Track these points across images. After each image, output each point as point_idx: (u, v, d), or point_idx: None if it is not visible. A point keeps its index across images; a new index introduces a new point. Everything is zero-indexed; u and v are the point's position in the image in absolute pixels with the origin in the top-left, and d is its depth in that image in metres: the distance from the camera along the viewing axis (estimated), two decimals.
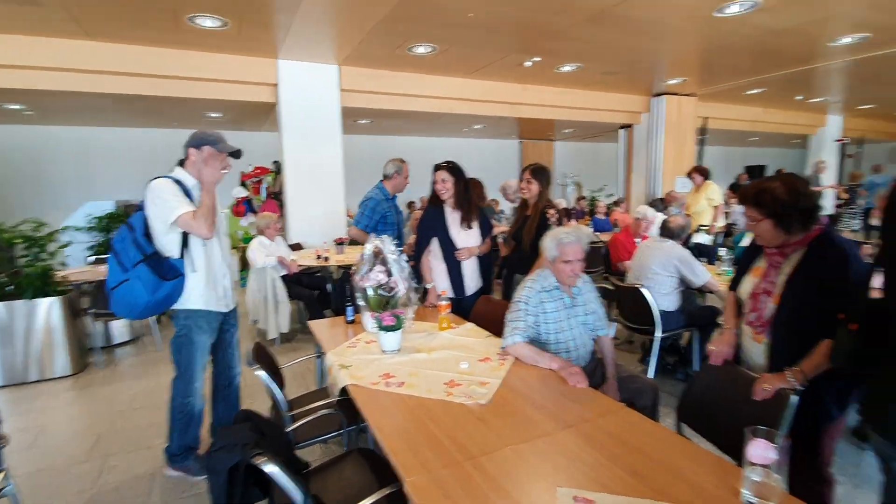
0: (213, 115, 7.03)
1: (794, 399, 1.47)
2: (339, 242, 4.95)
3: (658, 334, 3.05)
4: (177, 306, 2.25)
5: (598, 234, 6.41)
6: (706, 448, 1.42)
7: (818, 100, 8.38)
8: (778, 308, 1.67)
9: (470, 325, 2.46)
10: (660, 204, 6.09)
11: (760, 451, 1.04)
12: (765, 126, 9.31)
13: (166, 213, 2.11)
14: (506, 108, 6.84)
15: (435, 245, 2.88)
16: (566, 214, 5.82)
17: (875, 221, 7.74)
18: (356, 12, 3.92)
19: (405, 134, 9.96)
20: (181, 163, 2.28)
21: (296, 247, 5.41)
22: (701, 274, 3.06)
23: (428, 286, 2.85)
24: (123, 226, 2.20)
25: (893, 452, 1.09)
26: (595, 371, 2.21)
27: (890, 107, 9.37)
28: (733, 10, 3.96)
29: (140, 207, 2.20)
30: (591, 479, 1.19)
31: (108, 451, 2.69)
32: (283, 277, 4.35)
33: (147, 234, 2.17)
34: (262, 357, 2.03)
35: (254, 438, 1.30)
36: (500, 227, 4.35)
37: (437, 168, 2.85)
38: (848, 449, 2.51)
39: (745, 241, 3.79)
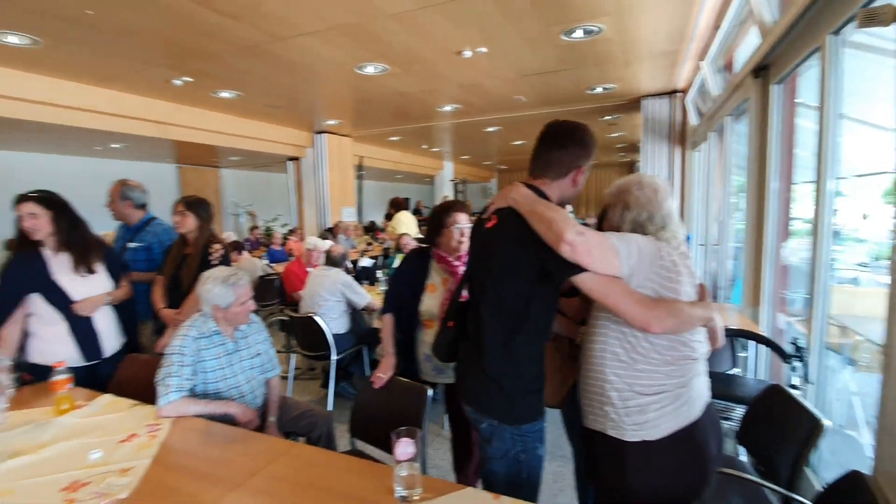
0: None
1: (430, 392, 1.83)
2: None
3: (333, 357, 3.24)
4: None
5: (272, 265, 6.31)
6: (378, 457, 1.58)
7: (437, 149, 10.91)
8: None
9: (106, 399, 1.95)
10: (329, 234, 6.53)
11: (403, 448, 1.23)
12: (404, 166, 11.43)
13: None
14: (153, 128, 5.90)
15: (39, 304, 2.16)
16: (237, 248, 5.47)
17: None
18: None
19: None
20: None
21: None
22: (363, 295, 3.44)
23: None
24: None
25: (476, 416, 1.49)
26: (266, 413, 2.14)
27: (477, 158, 13.17)
28: (370, 70, 4.69)
29: None
30: None
31: None
32: None
33: None
34: None
35: None
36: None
37: (21, 199, 2.15)
38: None
39: (397, 262, 4.51)
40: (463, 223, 2.11)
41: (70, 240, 2.21)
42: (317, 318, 3.17)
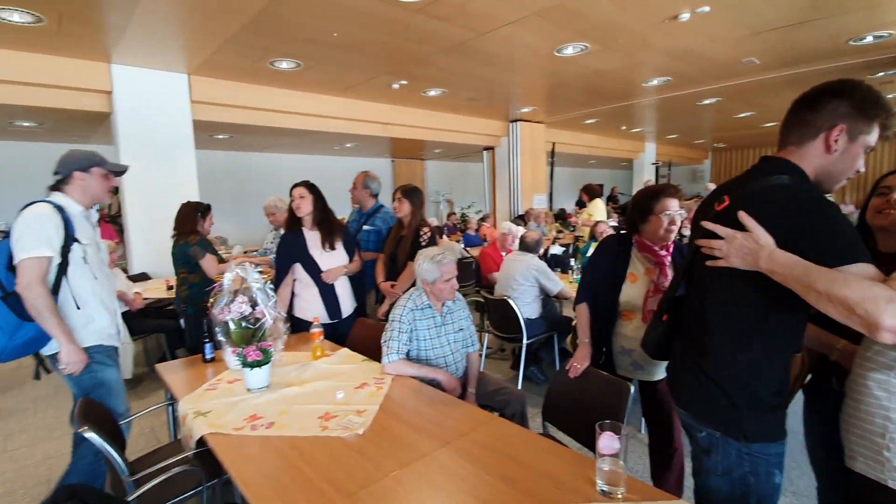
0: (24, 123, 5.84)
1: (632, 390, 1.72)
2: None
3: (525, 341, 3.31)
4: (59, 349, 1.84)
5: (468, 248, 6.74)
6: (567, 444, 1.57)
7: (637, 130, 10.01)
8: None
9: (345, 352, 2.39)
10: (520, 221, 6.64)
11: (607, 442, 1.18)
12: (599, 150, 10.83)
13: (16, 250, 1.77)
14: (377, 128, 6.89)
15: (300, 271, 2.76)
16: (439, 232, 6.03)
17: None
18: (207, 21, 3.62)
19: (270, 150, 9.41)
20: (56, 186, 1.97)
21: (141, 277, 4.72)
22: (556, 283, 3.41)
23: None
24: None
25: (692, 422, 1.32)
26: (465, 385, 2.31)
27: (688, 136, 11.61)
28: (568, 51, 4.55)
29: (7, 234, 1.81)
30: (467, 492, 1.23)
31: None
32: (125, 315, 3.75)
33: (12, 268, 1.78)
34: (93, 413, 1.71)
35: None
36: None
37: (295, 185, 2.79)
38: None
39: (592, 251, 4.32)
40: (674, 210, 1.90)
41: (321, 220, 2.77)
42: (510, 302, 3.27)
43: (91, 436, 1.51)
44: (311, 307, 2.74)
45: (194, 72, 4.93)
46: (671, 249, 1.98)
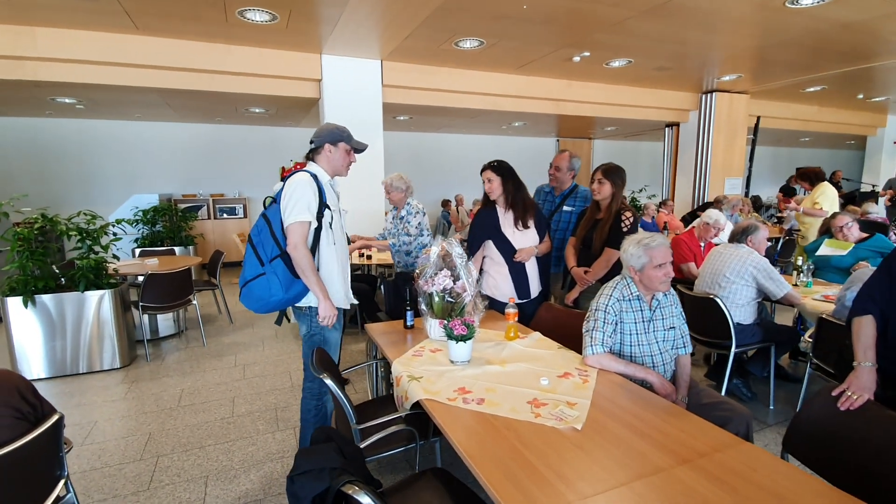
0: (255, 110, 7.04)
1: None
2: None
3: (733, 349, 2.83)
4: (305, 304, 2.16)
5: None
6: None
7: (880, 98, 7.88)
8: None
9: (537, 335, 2.30)
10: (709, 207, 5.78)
11: None
12: (820, 125, 8.83)
13: (285, 215, 2.04)
14: (549, 105, 6.64)
15: (492, 249, 2.75)
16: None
17: None
18: (406, 6, 3.80)
19: (443, 131, 9.83)
20: (309, 156, 2.23)
21: None
22: (782, 284, 2.83)
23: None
24: (261, 218, 2.14)
25: None
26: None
27: None
28: (807, 1, 3.68)
29: (276, 200, 2.13)
30: None
31: (159, 451, 2.65)
32: None
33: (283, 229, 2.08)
34: (326, 363, 1.93)
35: (339, 462, 1.19)
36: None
37: (484, 168, 2.75)
38: None
39: (825, 250, 3.49)
40: None
41: (514, 200, 2.70)
42: (718, 301, 2.81)
43: (329, 383, 1.70)
44: (500, 285, 2.73)
45: (386, 57, 5.30)
46: None
